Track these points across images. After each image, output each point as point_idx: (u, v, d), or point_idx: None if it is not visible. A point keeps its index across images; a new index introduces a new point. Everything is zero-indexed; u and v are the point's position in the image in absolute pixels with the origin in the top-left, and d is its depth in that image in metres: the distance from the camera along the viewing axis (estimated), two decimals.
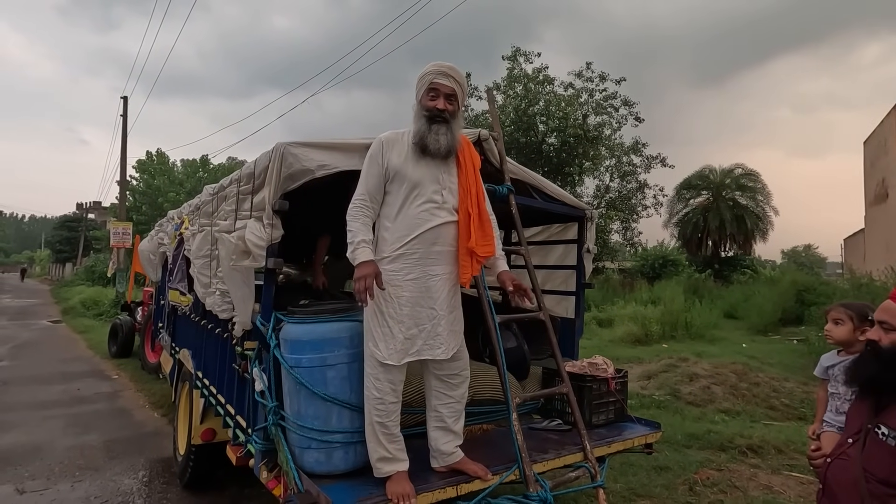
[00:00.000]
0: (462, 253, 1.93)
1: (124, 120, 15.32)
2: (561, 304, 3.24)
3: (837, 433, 1.89)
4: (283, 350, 1.88)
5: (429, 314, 1.89)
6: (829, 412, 1.99)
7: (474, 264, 1.93)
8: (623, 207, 19.12)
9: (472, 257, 1.93)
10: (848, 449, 1.42)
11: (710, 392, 6.09)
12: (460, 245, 1.94)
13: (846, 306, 1.98)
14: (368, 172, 1.94)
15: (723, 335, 11.32)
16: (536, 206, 2.77)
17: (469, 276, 1.93)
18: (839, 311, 1.96)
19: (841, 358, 1.99)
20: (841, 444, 1.49)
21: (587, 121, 17.35)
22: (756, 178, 21.13)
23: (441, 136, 1.92)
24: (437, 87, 1.94)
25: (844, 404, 1.93)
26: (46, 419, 4.91)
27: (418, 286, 1.89)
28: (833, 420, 1.95)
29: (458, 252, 1.94)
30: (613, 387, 2.58)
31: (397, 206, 1.92)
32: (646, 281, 21.02)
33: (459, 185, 1.99)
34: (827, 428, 1.94)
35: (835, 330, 1.96)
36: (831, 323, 1.98)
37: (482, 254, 1.94)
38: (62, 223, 49.51)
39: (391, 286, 1.86)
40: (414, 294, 1.88)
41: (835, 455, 1.48)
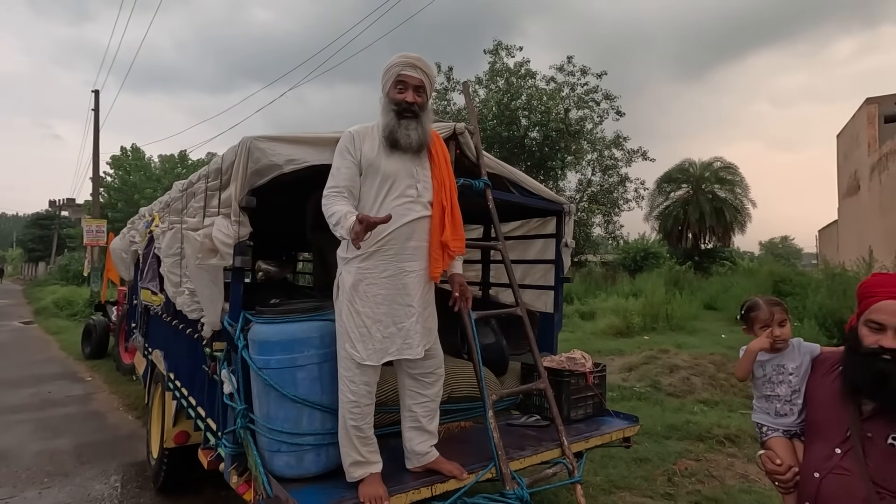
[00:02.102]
0: (434, 246, 1.89)
1: (96, 114, 14.87)
2: (540, 298, 3.23)
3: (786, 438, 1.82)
4: (252, 351, 1.82)
5: (406, 311, 1.85)
6: (765, 414, 1.83)
7: (446, 258, 1.90)
8: (605, 201, 19.28)
9: (444, 251, 1.89)
10: (841, 461, 1.33)
11: (689, 383, 6.18)
12: (433, 239, 1.90)
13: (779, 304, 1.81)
14: (340, 165, 1.87)
15: (702, 326, 11.51)
16: (514, 200, 2.74)
17: (440, 270, 1.90)
18: (782, 312, 1.85)
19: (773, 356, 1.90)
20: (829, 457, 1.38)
21: (569, 115, 17.43)
22: (735, 171, 21.47)
23: (412, 131, 1.87)
24: (404, 79, 1.88)
25: (785, 406, 1.78)
26: (14, 424, 4.75)
27: (394, 283, 1.84)
28: (773, 423, 1.79)
29: (430, 246, 1.90)
30: (591, 381, 2.57)
31: (370, 200, 1.86)
32: (627, 274, 21.26)
33: (433, 177, 1.95)
34: (772, 434, 1.79)
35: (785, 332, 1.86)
36: (777, 326, 1.88)
37: (454, 248, 1.90)
38: (34, 221, 48.12)
39: (366, 284, 1.81)
40: (390, 291, 1.83)
41: (824, 470, 1.38)
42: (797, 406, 1.89)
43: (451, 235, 1.89)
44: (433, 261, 1.89)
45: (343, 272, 1.86)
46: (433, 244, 1.90)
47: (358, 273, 1.81)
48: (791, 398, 1.89)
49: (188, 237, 2.12)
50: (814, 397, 1.79)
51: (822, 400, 1.73)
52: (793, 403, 1.91)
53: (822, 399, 1.72)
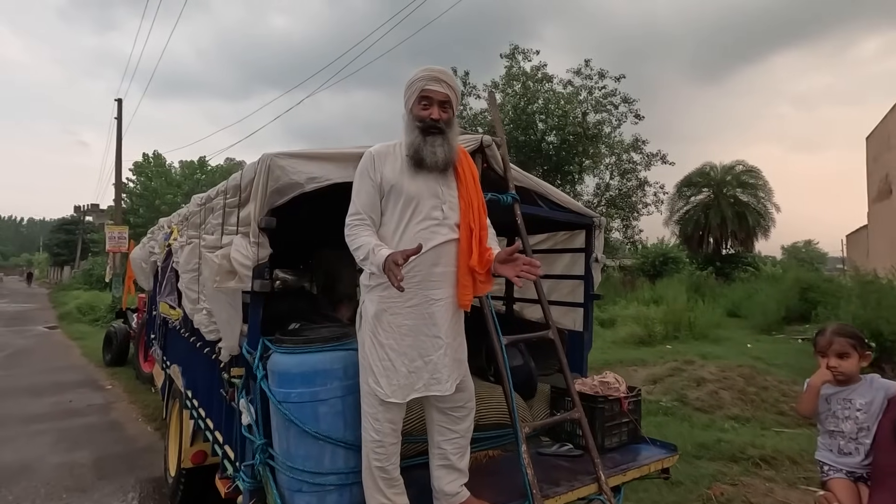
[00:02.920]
0: (462, 272, 1.77)
1: (119, 122, 15.14)
2: (568, 315, 3.09)
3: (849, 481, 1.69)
4: (272, 383, 1.72)
5: (433, 343, 1.73)
6: (827, 452, 1.76)
7: (476, 285, 1.77)
8: (623, 205, 18.99)
9: (474, 277, 1.77)
10: None
11: (717, 397, 5.95)
12: (461, 264, 1.77)
13: (846, 335, 1.74)
14: (360, 189, 1.77)
15: (727, 335, 11.20)
16: (542, 214, 2.62)
17: (470, 297, 1.77)
18: (843, 344, 1.72)
19: (840, 389, 1.75)
20: None
21: (586, 118, 17.21)
22: (757, 175, 21.00)
23: (438, 149, 1.75)
24: (429, 94, 1.78)
25: (850, 444, 1.70)
26: (36, 434, 4.76)
27: (419, 313, 1.72)
28: (836, 463, 1.72)
29: (458, 272, 1.78)
30: (626, 407, 2.43)
31: (394, 224, 1.75)
32: (647, 279, 20.90)
33: (460, 197, 1.83)
34: (833, 474, 1.72)
35: (844, 365, 1.72)
36: (835, 357, 1.74)
37: (482, 270, 1.77)
38: (60, 226, 49.29)
39: (390, 315, 1.70)
40: (415, 322, 1.71)
41: None
42: (864, 446, 1.75)
43: (480, 259, 1.76)
44: (461, 287, 1.77)
45: (365, 301, 1.76)
46: (461, 270, 1.77)
47: (381, 302, 1.70)
48: (857, 436, 1.75)
49: (206, 258, 2.04)
50: (884, 439, 1.64)
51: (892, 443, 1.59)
52: (858, 442, 1.76)
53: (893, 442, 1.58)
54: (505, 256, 1.69)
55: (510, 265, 1.67)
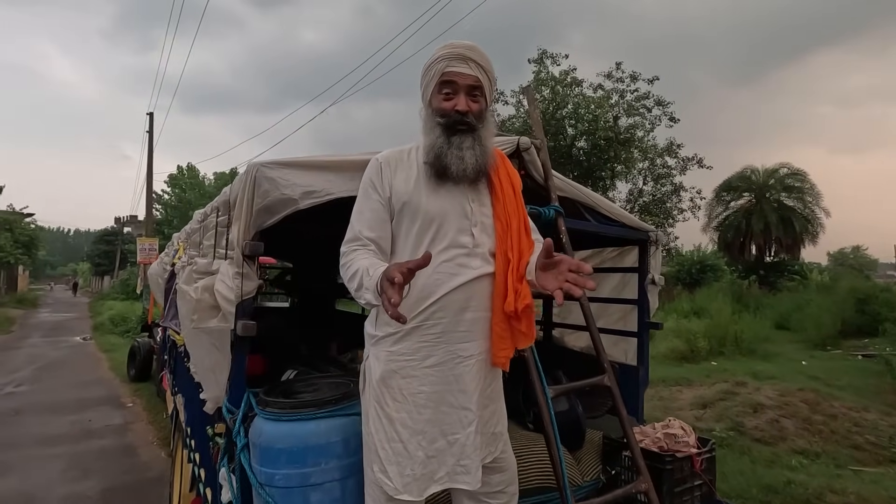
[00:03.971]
0: (498, 319, 1.35)
1: (150, 136, 15.43)
2: (618, 346, 2.66)
3: None
4: (253, 458, 1.37)
5: (460, 417, 1.32)
6: None
7: (516, 335, 1.35)
8: (657, 212, 18.23)
9: (512, 325, 1.35)
10: None
11: (779, 427, 5.34)
12: (495, 307, 1.36)
13: None
14: (363, 207, 1.38)
15: (777, 350, 10.45)
16: (590, 229, 2.21)
17: (508, 353, 1.35)
18: None
19: None
20: None
21: (618, 122, 16.62)
22: (803, 178, 19.82)
23: (466, 152, 1.34)
24: (452, 77, 1.35)
25: None
26: (49, 459, 4.58)
27: (442, 375, 1.31)
28: None
29: (492, 319, 1.37)
30: (700, 467, 1.98)
31: (407, 255, 1.34)
32: (683, 288, 20.01)
33: (495, 217, 1.41)
34: None
35: None
36: None
37: (524, 326, 1.35)
38: (101, 237, 51.20)
39: (402, 378, 1.31)
40: (437, 388, 1.30)
41: None
42: None
43: (518, 302, 1.32)
44: (497, 339, 1.35)
45: (370, 356, 1.37)
46: (496, 315, 1.35)
47: (390, 361, 1.31)
48: None
49: (181, 291, 1.72)
50: None
51: None
52: None
53: None
54: (544, 260, 1.22)
55: (551, 274, 1.22)
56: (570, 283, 1.16)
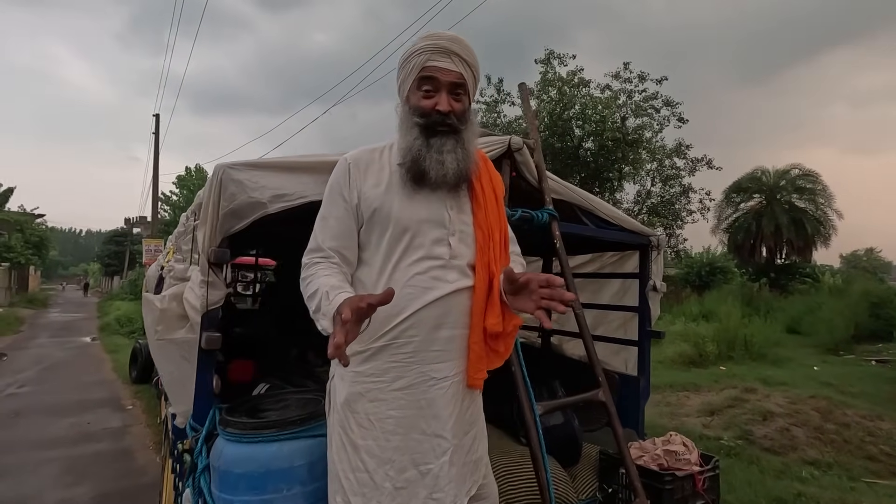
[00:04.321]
0: (476, 337, 1.24)
1: (156, 137, 15.53)
2: (618, 355, 2.55)
3: None
4: (213, 481, 1.29)
5: (433, 446, 1.21)
6: None
7: (490, 354, 1.25)
8: (666, 213, 18.05)
9: (488, 342, 1.25)
10: None
11: (789, 436, 5.18)
12: (473, 325, 1.25)
13: None
14: (328, 214, 1.27)
15: (788, 355, 10.25)
16: (587, 233, 2.10)
17: (483, 374, 1.26)
18: None
19: None
20: None
21: (626, 123, 16.48)
22: (815, 179, 19.51)
23: (447, 156, 1.23)
24: (433, 73, 1.24)
25: None
26: (44, 463, 4.54)
27: (413, 399, 1.20)
28: None
29: (470, 337, 1.26)
30: (702, 486, 1.86)
31: (377, 266, 1.24)
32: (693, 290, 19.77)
33: (476, 226, 1.30)
34: None
35: None
36: None
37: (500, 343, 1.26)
38: (111, 237, 51.70)
39: (368, 401, 1.20)
40: (407, 413, 1.20)
41: None
42: None
43: (496, 319, 1.22)
44: (473, 359, 1.24)
45: (335, 376, 1.26)
46: (474, 333, 1.24)
47: (355, 382, 1.20)
48: None
49: (145, 300, 1.64)
50: None
51: None
52: None
53: None
54: (508, 286, 1.16)
55: (524, 295, 1.14)
56: (548, 300, 1.07)
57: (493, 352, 1.26)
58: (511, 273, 1.14)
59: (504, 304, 1.23)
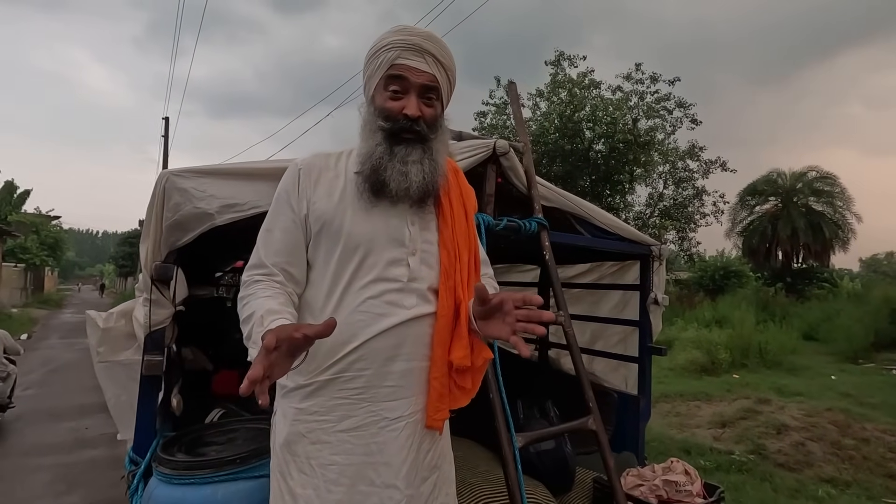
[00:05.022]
0: (438, 372, 1.09)
1: (165, 140, 15.62)
2: (618, 371, 2.39)
3: None
4: None
5: (383, 499, 1.05)
6: None
7: (455, 391, 1.10)
8: (678, 216, 17.74)
9: (452, 377, 1.11)
10: None
11: (805, 451, 4.95)
12: (435, 358, 1.10)
13: None
14: (273, 225, 1.13)
15: (804, 363, 9.95)
16: (582, 243, 1.95)
17: (444, 414, 1.11)
18: None
19: None
20: None
21: (637, 125, 16.22)
22: (833, 182, 19.02)
23: (412, 167, 1.09)
24: (403, 72, 1.10)
25: None
26: (37, 470, 4.50)
27: (362, 443, 1.05)
28: None
29: (430, 370, 1.11)
30: None
31: (325, 287, 1.09)
32: (705, 295, 19.40)
33: (441, 245, 1.15)
34: None
35: None
36: None
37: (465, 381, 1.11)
38: (125, 238, 52.38)
39: (311, 443, 1.06)
40: (354, 460, 1.04)
41: None
42: None
43: (463, 352, 1.07)
44: (434, 396, 1.09)
45: (278, 411, 1.13)
46: (435, 366, 1.09)
47: (297, 420, 1.06)
48: None
49: (88, 318, 1.53)
50: None
51: None
52: None
53: None
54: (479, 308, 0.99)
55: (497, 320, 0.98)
56: (525, 323, 0.92)
57: (459, 388, 1.11)
58: (483, 291, 0.96)
59: (473, 334, 1.09)
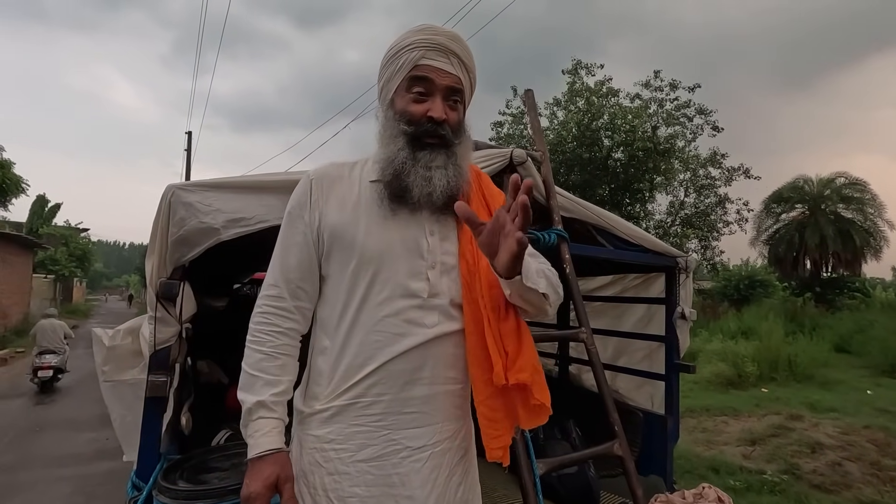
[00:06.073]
0: (483, 395, 0.98)
1: (188, 154, 15.98)
2: (642, 389, 2.28)
3: None
4: None
5: None
6: None
7: (519, 410, 1.00)
8: (701, 224, 17.37)
9: (509, 397, 1.00)
10: None
11: (842, 471, 4.70)
12: (475, 380, 1.00)
13: None
14: (288, 241, 1.05)
15: (837, 376, 9.56)
16: (604, 256, 1.87)
17: (505, 441, 0.99)
18: None
19: None
20: None
21: (657, 132, 15.99)
22: (864, 188, 18.42)
23: (436, 172, 1.01)
24: (427, 73, 1.03)
25: None
26: (57, 481, 4.54)
27: (383, 474, 0.97)
28: None
29: (463, 392, 1.03)
30: None
31: (340, 305, 1.02)
32: (730, 305, 18.90)
33: (461, 256, 1.05)
34: None
35: None
36: None
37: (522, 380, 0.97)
38: None
39: (328, 475, 0.98)
40: (375, 493, 0.96)
41: None
42: None
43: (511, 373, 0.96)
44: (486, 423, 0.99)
45: (294, 439, 1.05)
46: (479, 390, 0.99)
47: (313, 449, 1.00)
48: None
49: (94, 336, 1.50)
50: None
51: None
52: None
53: None
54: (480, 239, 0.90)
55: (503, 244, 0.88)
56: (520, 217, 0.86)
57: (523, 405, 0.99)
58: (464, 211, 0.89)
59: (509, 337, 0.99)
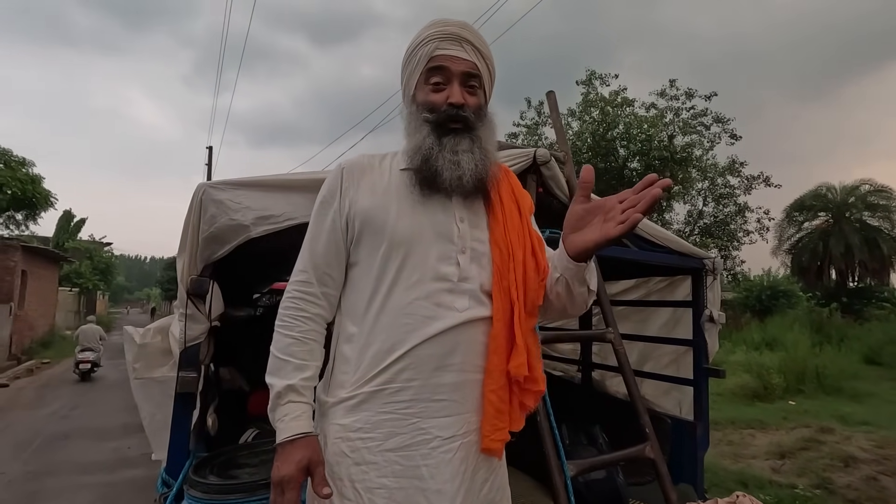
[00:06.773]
0: (494, 385, 0.98)
1: (209, 168, 16.34)
2: (669, 395, 2.23)
3: None
4: None
5: None
6: None
7: (514, 410, 0.99)
8: (720, 234, 17.10)
9: (514, 393, 1.00)
10: None
11: (878, 486, 4.52)
12: (491, 369, 0.99)
13: None
14: (318, 230, 1.07)
15: (868, 389, 9.25)
16: (629, 257, 1.84)
17: (504, 436, 0.98)
18: None
19: None
20: None
21: (673, 141, 15.86)
22: (890, 195, 17.95)
23: (463, 156, 1.02)
24: (443, 63, 1.05)
25: None
26: (80, 489, 4.59)
27: (411, 465, 0.95)
28: None
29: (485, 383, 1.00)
30: None
31: (369, 290, 1.02)
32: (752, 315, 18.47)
33: (492, 243, 1.05)
34: None
35: None
36: None
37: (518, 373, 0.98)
38: (170, 263, 54.70)
39: (354, 465, 0.96)
40: (403, 484, 0.94)
41: None
42: None
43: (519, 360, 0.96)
44: (490, 414, 0.97)
45: (318, 428, 1.03)
46: (492, 379, 0.99)
47: (339, 439, 0.98)
48: None
49: (126, 334, 1.52)
50: None
51: None
52: None
53: None
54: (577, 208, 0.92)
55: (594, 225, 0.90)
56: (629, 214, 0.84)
57: (517, 404, 1.00)
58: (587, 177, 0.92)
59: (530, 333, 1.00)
